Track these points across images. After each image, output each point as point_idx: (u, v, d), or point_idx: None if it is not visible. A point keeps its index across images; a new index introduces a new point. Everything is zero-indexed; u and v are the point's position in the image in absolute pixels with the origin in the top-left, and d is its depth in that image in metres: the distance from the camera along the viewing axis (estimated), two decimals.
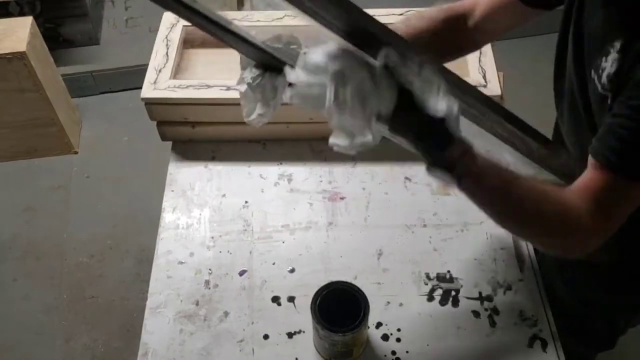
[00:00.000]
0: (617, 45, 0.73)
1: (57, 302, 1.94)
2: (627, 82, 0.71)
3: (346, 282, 0.96)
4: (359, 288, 0.94)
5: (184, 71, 1.32)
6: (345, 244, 1.15)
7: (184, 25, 1.36)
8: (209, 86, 1.23)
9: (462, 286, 1.08)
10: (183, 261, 1.13)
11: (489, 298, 1.06)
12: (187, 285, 1.10)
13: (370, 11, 1.48)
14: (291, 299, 1.07)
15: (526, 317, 1.04)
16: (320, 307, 0.92)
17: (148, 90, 1.23)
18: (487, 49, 1.28)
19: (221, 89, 1.23)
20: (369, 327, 1.00)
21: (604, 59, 0.76)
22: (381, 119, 0.67)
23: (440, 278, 1.09)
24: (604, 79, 0.76)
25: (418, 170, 1.24)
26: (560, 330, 1.02)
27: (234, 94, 1.23)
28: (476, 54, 1.27)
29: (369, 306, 0.92)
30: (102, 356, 1.82)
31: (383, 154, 1.28)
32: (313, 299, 0.93)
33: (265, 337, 1.03)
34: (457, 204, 1.19)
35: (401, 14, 1.37)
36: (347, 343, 0.94)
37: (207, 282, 1.10)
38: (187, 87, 1.24)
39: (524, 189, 0.75)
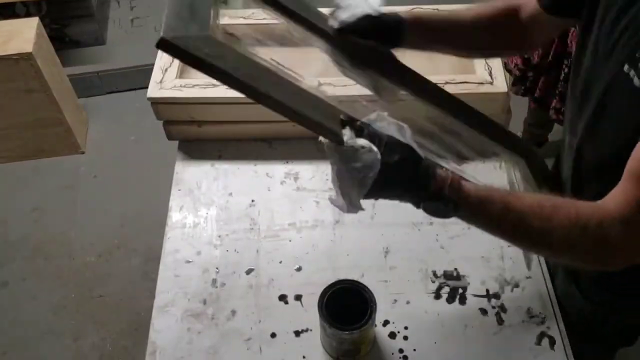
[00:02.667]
0: None
1: (66, 302, 1.95)
2: None
3: (353, 280, 0.96)
4: (365, 286, 0.94)
5: (190, 70, 1.32)
6: (352, 242, 1.15)
7: None
8: (215, 85, 1.24)
9: (469, 284, 1.08)
10: (190, 260, 1.13)
11: (497, 295, 1.06)
12: (195, 284, 1.10)
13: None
14: (298, 297, 1.07)
15: (534, 314, 1.04)
16: (328, 305, 0.93)
17: (154, 90, 1.24)
18: None
19: (227, 88, 1.23)
20: (376, 325, 1.00)
21: None
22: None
23: (448, 276, 1.09)
24: None
25: None
26: (571, 330, 1.01)
27: (239, 93, 1.23)
28: None
29: (376, 304, 0.92)
30: (111, 355, 1.83)
31: None
32: (320, 297, 0.93)
33: (273, 335, 1.03)
34: None
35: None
36: (354, 341, 0.94)
37: (214, 281, 1.10)
38: (193, 86, 1.24)
39: (526, 204, 0.74)
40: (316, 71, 1.32)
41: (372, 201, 1.20)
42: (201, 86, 1.23)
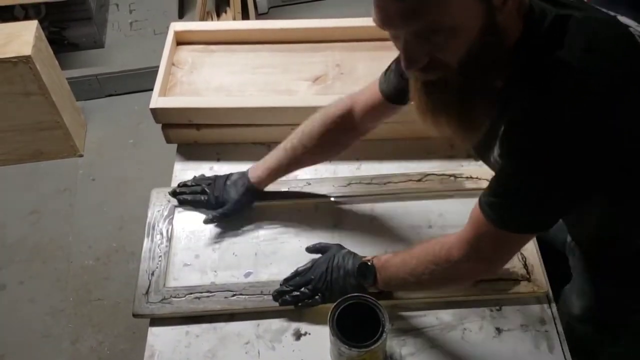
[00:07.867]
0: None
1: (63, 305, 1.94)
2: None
3: (365, 296, 0.94)
4: (379, 304, 0.93)
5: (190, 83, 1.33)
6: (351, 245, 1.14)
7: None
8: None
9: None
10: (189, 263, 1.13)
11: (495, 299, 1.06)
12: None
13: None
14: None
15: (533, 318, 1.04)
16: (338, 318, 0.92)
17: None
18: None
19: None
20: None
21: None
22: None
23: None
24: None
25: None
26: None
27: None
28: None
29: (388, 324, 0.91)
30: (108, 358, 1.82)
31: (388, 154, 1.28)
32: (332, 312, 0.93)
33: (272, 339, 1.03)
34: (463, 204, 1.18)
35: None
36: (363, 358, 0.93)
37: (212, 284, 1.10)
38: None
39: (417, 274, 0.93)
40: (312, 75, 1.32)
41: (371, 205, 1.20)
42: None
